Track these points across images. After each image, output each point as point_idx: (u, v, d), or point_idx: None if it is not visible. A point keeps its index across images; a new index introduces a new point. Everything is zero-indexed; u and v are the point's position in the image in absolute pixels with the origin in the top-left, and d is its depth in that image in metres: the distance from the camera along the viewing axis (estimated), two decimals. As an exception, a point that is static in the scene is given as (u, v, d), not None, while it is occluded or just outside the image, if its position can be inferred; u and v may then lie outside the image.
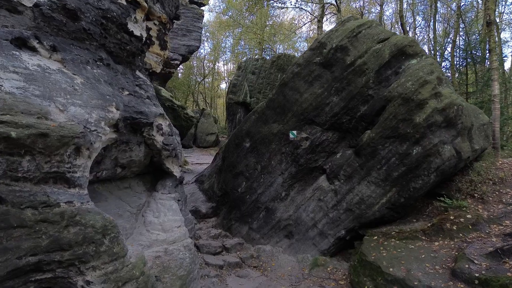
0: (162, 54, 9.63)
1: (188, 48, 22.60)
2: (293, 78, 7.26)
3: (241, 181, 7.77)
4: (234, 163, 7.89)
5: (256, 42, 33.99)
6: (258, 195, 7.53)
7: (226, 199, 8.23)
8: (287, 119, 7.28)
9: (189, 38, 22.45)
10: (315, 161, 7.23)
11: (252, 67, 17.46)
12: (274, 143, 7.41)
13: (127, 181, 6.53)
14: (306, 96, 7.04)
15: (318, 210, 6.84)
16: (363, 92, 6.57)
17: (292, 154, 7.25)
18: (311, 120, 7.04)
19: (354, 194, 6.49)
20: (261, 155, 7.55)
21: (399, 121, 6.01)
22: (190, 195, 9.57)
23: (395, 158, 6.09)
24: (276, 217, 7.31)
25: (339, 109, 6.78)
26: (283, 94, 7.34)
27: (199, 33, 22.90)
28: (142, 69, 7.32)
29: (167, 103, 15.72)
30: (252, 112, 7.91)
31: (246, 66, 17.79)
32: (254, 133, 7.69)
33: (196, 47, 23.08)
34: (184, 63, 42.54)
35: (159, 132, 6.29)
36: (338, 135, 7.07)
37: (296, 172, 7.28)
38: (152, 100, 6.38)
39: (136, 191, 6.60)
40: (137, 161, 6.28)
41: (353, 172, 6.55)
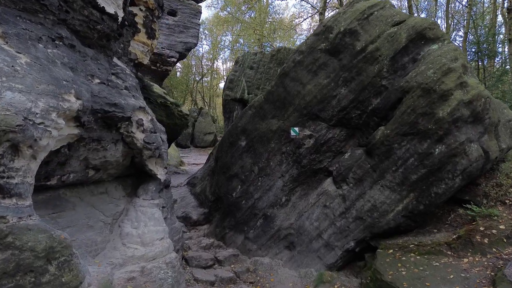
0: (149, 44, 8.88)
1: (185, 45, 22.28)
2: (294, 67, 6.47)
3: (235, 185, 6.99)
4: (228, 164, 7.11)
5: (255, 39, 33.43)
6: (255, 200, 6.75)
7: (220, 205, 7.45)
8: (288, 114, 6.49)
9: (186, 35, 22.12)
10: (320, 162, 6.45)
11: (250, 61, 16.62)
12: (273, 142, 6.62)
13: (103, 185, 5.74)
14: (309, 88, 6.25)
15: (323, 218, 6.05)
16: (375, 82, 5.78)
17: (293, 154, 6.47)
18: (316, 115, 6.26)
19: (365, 200, 5.71)
20: (259, 155, 6.76)
21: (419, 116, 5.23)
22: (181, 199, 8.79)
23: (414, 158, 5.30)
24: (275, 225, 6.53)
25: (347, 102, 5.99)
26: (284, 85, 6.55)
27: (197, 30, 22.60)
28: (122, 57, 6.53)
29: (159, 99, 14.86)
30: (249, 107, 7.12)
31: (244, 61, 16.96)
32: (250, 130, 6.91)
33: (193, 44, 22.72)
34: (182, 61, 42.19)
35: (139, 128, 5.51)
36: (346, 132, 6.29)
37: (298, 174, 6.49)
38: (131, 92, 5.59)
39: (113, 197, 5.82)
40: (114, 162, 5.49)
41: (364, 175, 5.77)
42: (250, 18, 32.93)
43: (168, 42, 21.96)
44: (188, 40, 21.89)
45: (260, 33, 31.37)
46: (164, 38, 21.95)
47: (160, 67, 22.81)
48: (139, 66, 8.92)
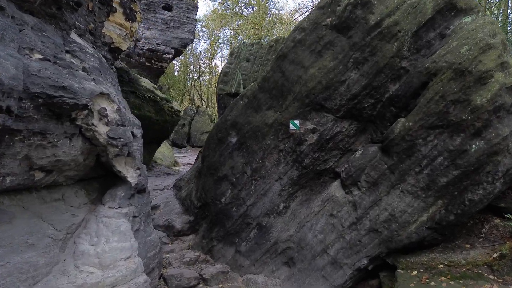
0: (128, 27, 7.86)
1: (181, 41, 21.90)
2: (294, 47, 5.47)
3: (225, 189, 5.99)
4: (216, 164, 6.11)
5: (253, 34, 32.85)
6: (248, 207, 5.75)
7: (207, 212, 6.44)
8: (286, 104, 5.49)
9: (182, 31, 21.67)
10: (325, 162, 5.46)
11: (246, 53, 15.56)
12: (269, 138, 5.63)
13: (59, 190, 4.75)
14: (312, 72, 5.25)
15: (329, 229, 5.06)
16: (393, 64, 4.79)
17: (293, 152, 5.47)
18: (320, 105, 5.26)
19: (381, 209, 4.71)
20: (252, 153, 5.77)
21: (450, 104, 4.23)
22: (164, 204, 7.79)
23: (443, 157, 4.31)
24: (271, 237, 5.54)
25: (359, 89, 4.99)
26: (281, 70, 5.55)
27: (193, 25, 22.26)
28: (86, 35, 5.52)
29: (147, 94, 13.89)
30: (240, 97, 6.12)
31: (239, 52, 15.91)
32: (242, 124, 5.90)
33: (190, 40, 22.30)
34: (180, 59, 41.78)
35: (102, 120, 4.52)
36: (356, 126, 5.29)
37: (299, 176, 5.49)
38: (92, 74, 4.58)
39: (71, 205, 4.83)
40: (71, 162, 4.50)
41: (379, 178, 4.78)
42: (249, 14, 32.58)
43: (163, 38, 21.25)
44: (184, 36, 21.48)
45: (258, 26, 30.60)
46: (159, 33, 21.20)
47: (155, 64, 22.06)
48: (116, 52, 7.90)
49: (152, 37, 21.12)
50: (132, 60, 20.86)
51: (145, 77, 22.53)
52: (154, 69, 22.41)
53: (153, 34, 21.14)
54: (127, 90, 13.23)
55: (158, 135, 15.47)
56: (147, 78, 22.79)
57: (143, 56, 21.44)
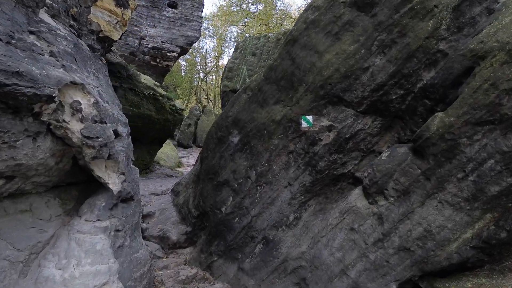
0: (119, 13, 7.14)
1: (187, 39, 21.51)
2: (307, 29, 4.68)
3: (226, 196, 5.22)
4: (216, 167, 5.34)
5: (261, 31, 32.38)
6: (253, 218, 4.97)
7: (206, 222, 5.68)
8: (297, 96, 4.70)
9: (187, 28, 21.26)
10: (343, 165, 4.66)
11: (252, 47, 14.77)
12: (277, 137, 4.84)
13: (26, 200, 4.02)
14: (328, 58, 4.45)
15: (349, 246, 4.26)
16: (428, 46, 3.97)
17: (305, 154, 4.68)
18: (338, 97, 4.46)
19: (414, 223, 3.89)
20: (257, 155, 4.99)
21: (503, 94, 3.40)
22: (160, 212, 7.04)
23: (495, 160, 3.48)
24: (280, 253, 4.75)
25: (385, 78, 4.18)
26: (291, 56, 4.76)
27: (199, 23, 21.95)
28: (63, 16, 4.79)
29: (147, 91, 13.20)
30: (243, 89, 5.33)
31: (245, 46, 15.13)
32: (245, 121, 5.13)
33: (195, 38, 21.92)
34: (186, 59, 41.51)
35: (75, 115, 3.78)
36: (381, 123, 4.48)
37: (312, 182, 4.70)
38: (61, 60, 3.83)
39: (39, 217, 4.10)
40: (38, 167, 3.78)
41: (411, 185, 3.96)
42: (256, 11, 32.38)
43: (168, 36, 20.81)
44: (190, 34, 21.18)
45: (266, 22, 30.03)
46: (164, 31, 20.74)
47: (160, 63, 21.59)
48: (106, 42, 7.18)
49: (157, 35, 20.67)
50: (136, 58, 20.38)
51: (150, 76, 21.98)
52: (159, 68, 21.94)
53: (157, 32, 20.68)
54: (125, 87, 12.54)
55: (159, 135, 14.78)
56: (152, 77, 22.22)
57: (148, 55, 20.96)
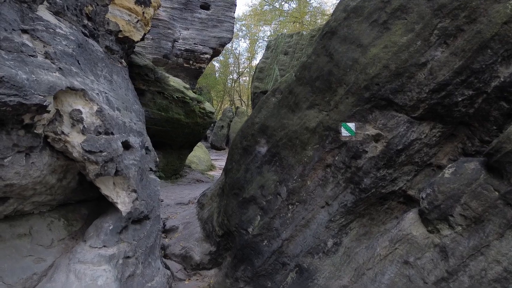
0: (139, 12, 6.70)
1: (219, 40, 21.51)
2: (347, 19, 3.93)
3: (253, 215, 4.57)
4: (241, 181, 4.70)
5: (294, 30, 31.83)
6: (284, 242, 4.29)
7: (231, 243, 5.06)
8: (336, 100, 3.97)
9: (220, 29, 21.22)
10: (393, 182, 3.86)
11: (284, 45, 14.02)
12: (311, 147, 4.13)
13: (26, 222, 3.57)
14: (375, 52, 3.68)
15: (403, 284, 3.47)
16: (507, 34, 3.11)
17: (346, 168, 3.94)
18: (387, 100, 3.68)
19: (490, 260, 3.05)
20: (288, 169, 4.30)
21: None
22: (184, 226, 6.52)
23: None
24: (316, 285, 4.03)
25: (449, 75, 3.36)
26: (329, 52, 4.03)
27: (231, 24, 21.90)
28: (68, 14, 4.35)
29: (176, 94, 12.85)
30: (271, 92, 4.66)
31: (276, 45, 14.41)
32: (274, 128, 4.46)
33: (228, 39, 21.85)
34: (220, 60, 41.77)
35: (75, 126, 3.26)
36: (441, 131, 3.65)
37: (355, 203, 3.94)
38: (59, 62, 3.32)
39: (39, 243, 3.64)
40: (35, 186, 3.30)
41: (485, 212, 3.11)
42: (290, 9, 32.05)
43: (201, 38, 20.78)
44: (222, 35, 21.18)
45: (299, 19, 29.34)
46: (197, 33, 20.70)
47: (193, 65, 21.59)
48: (126, 43, 6.78)
49: (190, 37, 20.65)
50: (170, 61, 20.43)
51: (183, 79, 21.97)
52: (192, 70, 21.92)
53: (190, 34, 20.64)
54: (154, 90, 12.27)
55: (189, 139, 14.42)
56: (185, 79, 22.21)
57: (181, 57, 20.97)
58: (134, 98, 6.51)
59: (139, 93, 11.79)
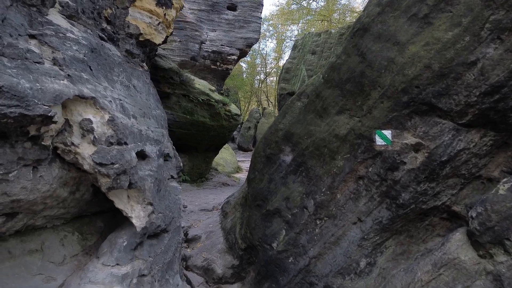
0: (161, 14, 6.52)
1: (246, 41, 21.55)
2: (382, 15, 3.53)
3: (277, 229, 4.25)
4: (264, 192, 4.39)
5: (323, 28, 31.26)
6: (311, 260, 3.94)
7: (254, 257, 4.76)
8: (369, 104, 3.58)
9: (246, 30, 21.21)
10: (435, 197, 3.42)
11: (312, 44, 13.55)
12: (341, 157, 3.76)
13: (38, 237, 3.39)
14: (414, 51, 3.26)
15: (449, 316, 3.04)
16: None
17: (381, 181, 3.54)
18: (429, 104, 3.25)
19: (558, 294, 2.59)
20: (315, 180, 3.95)
21: None
22: (207, 235, 6.29)
23: None
24: (347, 309, 3.66)
25: (504, 75, 2.89)
26: (361, 51, 3.65)
27: (258, 24, 21.92)
28: (83, 18, 4.18)
29: (201, 97, 12.74)
30: (297, 96, 4.31)
31: (303, 44, 13.97)
32: (299, 135, 4.11)
33: (254, 40, 21.86)
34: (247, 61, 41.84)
35: (86, 137, 3.02)
36: (494, 139, 3.18)
37: (392, 219, 3.53)
38: (68, 69, 3.11)
39: (50, 260, 3.44)
40: (45, 200, 3.10)
41: (552, 236, 2.65)
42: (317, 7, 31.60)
43: (227, 39, 20.77)
44: (249, 36, 21.10)
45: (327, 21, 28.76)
46: (224, 34, 20.69)
47: (220, 66, 21.61)
48: (148, 46, 6.62)
49: (217, 39, 20.68)
50: (197, 63, 20.51)
51: (210, 80, 22.02)
52: (219, 71, 21.92)
53: (217, 36, 20.66)
54: (179, 93, 12.21)
55: (215, 142, 14.29)
56: (212, 81, 22.24)
57: (208, 59, 21.03)
58: (155, 103, 6.35)
59: (164, 96, 11.76)
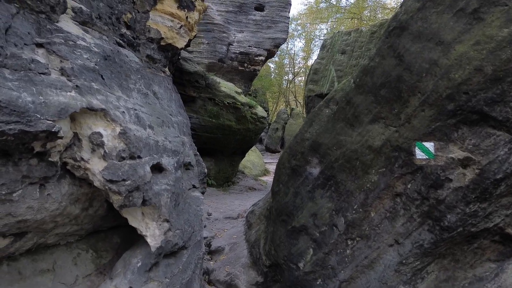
0: (183, 17, 6.35)
1: (274, 41, 21.42)
2: (422, 11, 3.11)
3: (304, 247, 3.91)
4: (290, 207, 4.07)
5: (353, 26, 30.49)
6: (342, 284, 3.57)
7: (279, 275, 4.44)
8: (408, 112, 3.17)
9: (274, 30, 21.16)
10: (487, 218, 2.97)
11: (341, 44, 13.00)
12: (376, 171, 3.37)
13: (50, 255, 3.23)
14: (462, 51, 2.83)
15: None
16: None
17: (423, 199, 3.12)
18: (480, 113, 2.81)
19: None
20: (346, 195, 3.58)
21: None
22: (230, 247, 6.03)
23: None
24: None
25: None
26: (397, 53, 3.25)
27: (286, 24, 21.26)
28: (98, 24, 4.04)
29: (227, 100, 12.56)
30: (325, 102, 3.95)
31: (333, 44, 13.44)
32: (328, 146, 3.75)
33: (282, 40, 21.81)
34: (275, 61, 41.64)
35: (96, 151, 2.82)
36: (560, 153, 2.71)
37: (435, 243, 3.11)
38: (77, 79, 2.92)
39: (61, 281, 3.27)
40: (54, 218, 2.93)
41: None
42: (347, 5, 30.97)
43: (255, 40, 20.66)
44: (277, 36, 20.90)
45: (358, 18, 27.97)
46: (251, 35, 20.59)
47: (247, 67, 21.53)
48: (170, 50, 6.46)
49: (244, 40, 20.62)
50: (225, 65, 20.53)
51: (238, 82, 21.95)
52: (247, 72, 21.83)
53: (244, 37, 20.60)
54: (204, 97, 12.09)
55: (241, 146, 14.09)
56: (240, 82, 22.17)
57: (235, 60, 21.00)
58: (177, 109, 6.17)
59: (189, 100, 11.67)
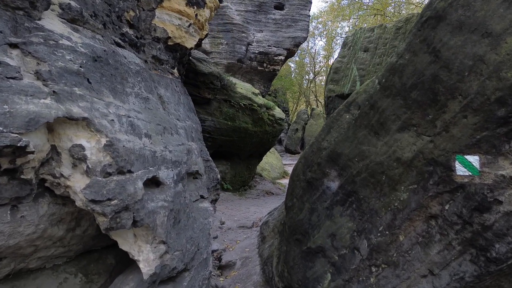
0: (191, 15, 5.98)
1: (294, 40, 20.84)
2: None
3: (321, 271, 3.44)
4: (304, 225, 3.60)
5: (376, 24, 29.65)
6: (364, 317, 3.10)
7: (293, 299, 3.99)
8: (445, 119, 2.66)
9: (294, 29, 20.89)
10: (545, 248, 2.44)
11: (364, 41, 12.31)
12: (406, 188, 2.87)
13: (33, 281, 2.89)
14: (516, 44, 2.33)
15: None
16: None
17: (464, 224, 2.61)
18: (538, 120, 2.29)
19: None
20: (369, 215, 3.10)
21: None
22: (242, 262, 5.61)
23: None
24: None
25: None
26: (432, 48, 2.74)
27: (306, 22, 20.79)
28: (91, 21, 3.70)
29: (243, 101, 12.16)
30: (345, 106, 3.46)
31: (354, 41, 12.78)
32: (348, 157, 3.27)
33: (303, 39, 21.53)
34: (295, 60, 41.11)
35: (78, 166, 2.39)
36: None
37: (479, 276, 2.59)
38: (54, 83, 2.53)
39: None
40: (33, 242, 2.54)
41: None
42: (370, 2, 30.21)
43: (275, 39, 20.34)
44: (297, 35, 20.46)
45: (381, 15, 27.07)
46: (271, 35, 20.29)
47: (267, 67, 21.25)
48: (178, 51, 6.10)
49: (263, 39, 20.33)
50: (244, 65, 20.27)
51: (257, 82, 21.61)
52: (266, 72, 21.52)
53: (264, 36, 20.30)
54: (220, 99, 11.74)
55: (258, 148, 13.67)
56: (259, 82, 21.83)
57: (254, 60, 20.71)
58: (187, 113, 5.80)
59: (204, 102, 11.34)
